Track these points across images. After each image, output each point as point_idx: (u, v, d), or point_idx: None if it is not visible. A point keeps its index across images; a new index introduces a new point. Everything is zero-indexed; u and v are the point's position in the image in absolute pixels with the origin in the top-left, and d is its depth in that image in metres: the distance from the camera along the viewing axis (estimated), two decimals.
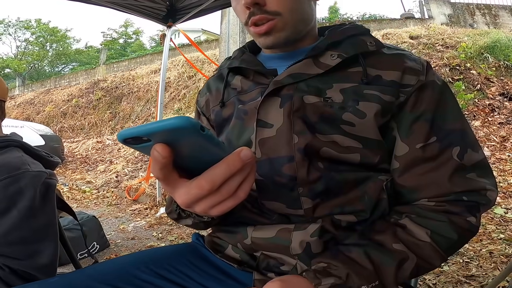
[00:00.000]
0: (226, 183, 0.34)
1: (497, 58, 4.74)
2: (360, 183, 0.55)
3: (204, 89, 0.74)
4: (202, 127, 0.30)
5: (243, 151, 0.34)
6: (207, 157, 0.34)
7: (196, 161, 0.35)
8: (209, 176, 0.33)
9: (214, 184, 0.33)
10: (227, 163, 0.33)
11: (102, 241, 2.30)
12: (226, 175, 0.33)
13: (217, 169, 0.33)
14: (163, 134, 0.31)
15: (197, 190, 0.34)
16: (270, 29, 0.57)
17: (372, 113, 0.54)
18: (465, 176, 0.52)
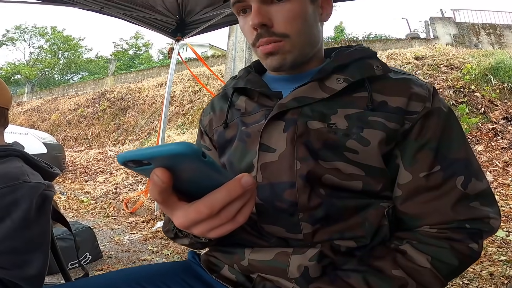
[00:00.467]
0: (226, 208, 0.34)
1: (501, 80, 4.74)
2: (361, 210, 0.54)
3: (208, 108, 0.73)
4: (204, 154, 0.31)
5: (244, 177, 0.34)
6: (207, 182, 0.34)
7: (195, 186, 0.35)
8: (209, 201, 0.33)
9: (213, 210, 0.33)
10: (228, 189, 0.33)
11: (95, 252, 2.28)
12: (226, 201, 0.33)
13: (217, 195, 0.33)
14: (164, 159, 0.31)
15: (196, 215, 0.34)
16: (276, 49, 0.57)
17: (376, 141, 0.53)
18: (468, 205, 0.52)
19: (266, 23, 0.56)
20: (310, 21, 0.59)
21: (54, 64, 22.49)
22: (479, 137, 3.95)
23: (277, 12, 0.57)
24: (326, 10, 0.63)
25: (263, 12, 0.56)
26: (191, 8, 2.39)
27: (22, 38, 22.62)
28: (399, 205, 0.55)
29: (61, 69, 23.40)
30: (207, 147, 0.71)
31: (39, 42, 23.23)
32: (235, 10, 0.61)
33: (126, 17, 2.32)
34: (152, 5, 2.27)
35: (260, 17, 0.56)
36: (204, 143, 0.72)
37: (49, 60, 22.40)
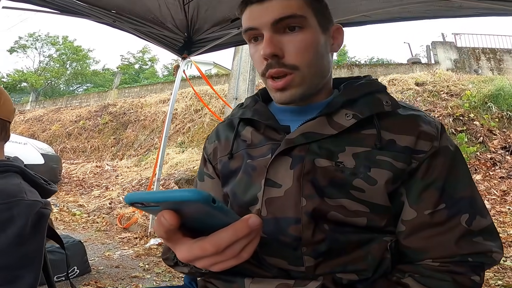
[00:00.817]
0: (231, 246, 0.35)
1: (500, 108, 4.80)
2: (364, 244, 0.54)
3: (213, 136, 0.73)
4: (214, 200, 0.32)
5: (252, 218, 0.35)
6: (214, 222, 0.35)
7: (202, 224, 0.36)
8: (214, 240, 0.34)
9: (219, 248, 0.34)
10: (235, 229, 0.34)
11: (83, 266, 2.27)
12: (232, 240, 0.34)
13: (223, 234, 0.34)
14: (173, 203, 0.32)
15: (200, 251, 0.35)
16: (287, 84, 0.57)
17: (383, 181, 0.54)
18: (471, 240, 0.52)
19: (277, 53, 0.56)
20: (321, 52, 0.59)
21: (61, 74, 22.65)
22: (477, 166, 3.98)
23: (289, 43, 0.56)
24: (337, 41, 0.63)
25: (275, 42, 0.56)
26: (199, 26, 2.43)
27: (34, 46, 22.91)
28: (402, 239, 0.55)
29: (67, 79, 23.57)
30: (210, 175, 0.70)
31: (50, 51, 23.55)
32: (246, 37, 0.61)
33: (136, 32, 2.37)
34: (162, 21, 2.32)
35: (272, 47, 0.56)
36: (207, 171, 0.71)
37: (56, 69, 22.57)
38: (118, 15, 2.17)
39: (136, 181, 5.39)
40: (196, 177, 0.74)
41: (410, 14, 1.84)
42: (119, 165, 6.70)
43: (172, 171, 5.47)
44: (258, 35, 0.59)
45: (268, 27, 0.56)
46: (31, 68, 23.00)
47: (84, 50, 23.55)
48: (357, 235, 0.54)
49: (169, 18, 2.28)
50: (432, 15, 1.79)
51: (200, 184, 0.72)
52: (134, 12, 2.18)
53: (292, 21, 0.56)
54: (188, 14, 2.25)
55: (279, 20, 0.56)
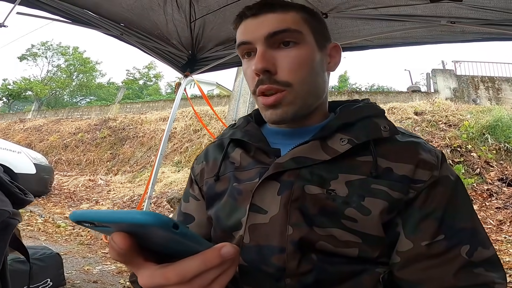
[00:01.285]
0: (199, 277, 0.32)
1: (497, 140, 4.82)
2: (355, 276, 0.51)
3: (202, 157, 0.70)
4: (176, 225, 0.29)
5: (225, 248, 0.32)
6: (182, 248, 0.32)
7: (169, 251, 0.33)
8: (179, 268, 0.32)
9: (184, 278, 0.31)
10: (204, 259, 0.32)
11: (58, 279, 2.19)
12: (199, 270, 0.32)
13: (190, 262, 0.32)
14: (126, 225, 0.29)
15: (162, 280, 0.32)
16: (278, 101, 0.54)
17: (378, 211, 0.50)
18: (472, 271, 0.48)
19: (269, 69, 0.54)
20: (316, 70, 0.57)
21: (67, 85, 22.86)
22: (474, 197, 4.01)
23: (282, 58, 0.54)
24: (334, 59, 0.61)
25: (268, 57, 0.54)
26: (203, 45, 2.46)
27: (44, 55, 23.28)
28: (396, 271, 0.52)
29: (72, 90, 23.83)
30: (195, 196, 0.68)
31: (59, 61, 23.88)
32: (239, 52, 0.59)
33: (142, 46, 2.40)
34: (168, 37, 2.35)
35: (264, 62, 0.53)
36: (193, 192, 0.68)
37: (63, 80, 22.78)
38: (126, 28, 2.22)
39: (127, 197, 5.27)
40: (182, 197, 0.72)
41: (412, 39, 1.86)
42: (113, 180, 6.61)
43: (166, 190, 5.36)
44: (251, 50, 0.57)
45: (261, 41, 0.54)
46: (38, 77, 23.34)
47: (92, 62, 23.94)
48: (348, 266, 0.50)
49: (175, 35, 2.32)
50: (434, 40, 1.82)
51: (185, 205, 0.69)
52: (142, 27, 2.22)
53: (287, 35, 0.54)
54: (194, 32, 2.28)
55: (273, 34, 0.54)
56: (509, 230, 3.44)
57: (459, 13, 1.51)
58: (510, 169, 4.43)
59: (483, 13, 1.44)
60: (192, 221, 0.65)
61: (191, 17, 2.12)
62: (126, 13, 2.05)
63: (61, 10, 1.95)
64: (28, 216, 4.37)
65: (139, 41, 2.33)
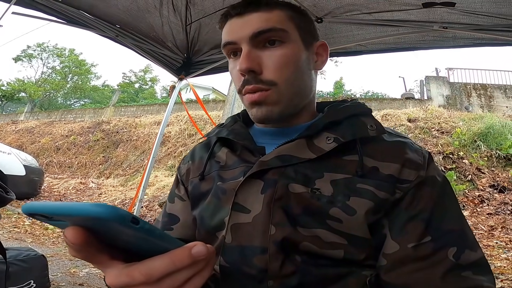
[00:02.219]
0: (169, 277, 0.31)
1: (489, 147, 4.88)
2: (340, 279, 0.49)
3: (188, 156, 0.69)
4: (135, 219, 0.27)
5: (196, 247, 0.31)
6: (146, 246, 0.31)
7: (134, 247, 0.31)
8: (145, 268, 0.30)
9: (150, 278, 0.30)
10: (172, 258, 0.31)
11: (42, 281, 2.14)
12: (167, 270, 0.30)
13: (157, 262, 0.30)
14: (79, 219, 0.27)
15: (128, 279, 0.30)
16: (263, 99, 0.54)
17: (363, 211, 0.49)
18: (460, 275, 0.47)
19: (254, 68, 0.53)
20: (302, 69, 0.56)
21: (61, 87, 22.51)
22: (465, 203, 4.04)
23: (268, 58, 0.54)
24: (321, 57, 0.61)
25: (253, 57, 0.54)
26: (199, 48, 2.46)
27: (40, 57, 22.90)
28: (382, 274, 0.50)
29: (66, 93, 23.50)
30: (181, 197, 0.66)
31: (54, 63, 23.51)
32: (225, 51, 0.59)
33: (137, 48, 2.39)
34: (163, 40, 2.35)
35: (249, 62, 0.53)
36: (179, 193, 0.67)
37: (57, 82, 22.43)
38: (122, 30, 2.21)
39: (119, 200, 5.20)
40: (167, 198, 0.71)
41: (405, 44, 1.88)
42: (105, 183, 6.52)
43: (158, 194, 5.31)
44: (237, 49, 0.57)
45: (246, 41, 0.54)
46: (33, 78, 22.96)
47: (87, 65, 23.65)
48: (333, 268, 0.49)
49: (170, 38, 2.31)
50: (426, 45, 1.84)
51: (170, 206, 0.67)
52: (137, 29, 2.22)
53: (272, 34, 0.54)
54: (189, 35, 2.28)
55: (258, 33, 0.54)
56: (500, 236, 3.48)
57: (452, 18, 1.53)
58: (501, 175, 4.50)
59: (474, 18, 1.46)
60: (177, 222, 0.64)
61: (187, 20, 2.12)
62: (122, 14, 2.05)
63: (57, 10, 1.94)
64: (16, 218, 4.29)
65: (134, 43, 2.32)
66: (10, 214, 4.40)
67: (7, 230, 3.74)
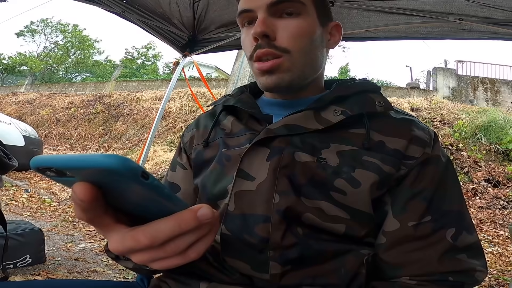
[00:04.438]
0: (173, 241, 0.30)
1: (489, 141, 4.88)
2: (339, 255, 0.50)
3: (193, 124, 0.69)
4: (145, 174, 0.26)
5: (202, 209, 0.30)
6: (152, 207, 0.30)
7: (139, 208, 0.31)
8: (151, 231, 0.29)
9: (155, 241, 0.29)
10: (178, 221, 0.29)
11: (38, 255, 2.14)
12: (173, 233, 0.30)
13: (162, 225, 0.29)
14: (89, 172, 0.26)
15: (133, 243, 0.30)
16: (275, 67, 0.53)
17: (368, 184, 0.49)
18: (454, 257, 0.48)
19: (269, 34, 0.53)
20: (315, 43, 0.57)
21: (63, 61, 22.29)
22: None
23: (283, 27, 0.54)
24: (334, 38, 0.62)
25: (268, 23, 0.53)
26: (205, 26, 2.42)
27: (43, 32, 22.55)
28: (381, 253, 0.51)
29: (68, 67, 23.26)
30: (183, 165, 0.66)
31: (57, 38, 23.16)
32: (239, 20, 0.59)
33: (142, 24, 2.35)
34: (169, 17, 2.31)
35: (264, 26, 0.53)
36: (181, 161, 0.66)
37: (59, 56, 22.19)
38: (128, 6, 2.16)
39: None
40: (169, 167, 0.70)
41: (417, 34, 1.83)
42: None
43: (157, 169, 5.34)
44: (253, 18, 0.56)
45: (263, 9, 0.54)
46: (35, 52, 22.67)
47: (90, 40, 23.29)
48: (333, 244, 0.50)
49: (177, 15, 2.27)
50: (439, 36, 1.80)
51: (171, 174, 0.67)
52: (144, 5, 2.18)
53: (290, 5, 0.54)
54: (196, 12, 2.24)
55: (276, 2, 0.53)
56: (488, 230, 3.53)
57: (469, 11, 1.48)
58: (497, 170, 4.53)
59: (493, 11, 1.41)
60: (178, 191, 0.63)
61: None
62: None
63: None
64: (13, 191, 4.30)
65: (141, 19, 2.27)
66: (8, 186, 4.39)
67: (4, 203, 3.72)
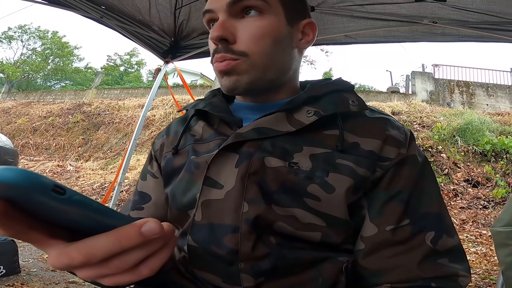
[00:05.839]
0: (117, 258, 0.28)
1: (466, 142, 5.06)
2: (315, 264, 0.48)
3: (163, 131, 0.66)
4: (60, 188, 0.23)
5: (147, 224, 0.28)
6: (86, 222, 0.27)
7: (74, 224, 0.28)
8: (86, 247, 0.27)
9: (91, 258, 0.27)
10: (118, 237, 0.28)
11: (12, 266, 2.16)
12: (112, 250, 0.28)
13: (99, 241, 0.27)
14: None
15: (67, 260, 0.27)
16: (230, 68, 0.51)
17: (343, 189, 0.47)
18: (436, 262, 0.47)
19: (227, 37, 0.51)
20: (281, 44, 0.54)
21: (41, 68, 21.67)
22: None
23: (243, 27, 0.52)
24: (307, 37, 0.58)
25: (227, 26, 0.51)
26: (187, 33, 2.41)
27: (20, 38, 21.93)
28: (360, 259, 0.49)
29: (46, 74, 22.65)
30: (153, 174, 0.63)
31: (35, 45, 22.51)
32: (205, 20, 0.56)
33: (122, 30, 2.31)
34: (149, 24, 2.28)
35: (222, 30, 0.50)
36: (151, 169, 0.64)
37: (37, 63, 21.57)
38: (106, 11, 2.13)
39: (98, 184, 5.09)
40: (139, 176, 0.67)
41: (394, 38, 1.90)
42: (83, 166, 6.35)
43: None
44: (215, 19, 0.54)
45: (223, 9, 0.52)
46: (11, 59, 21.99)
47: (70, 47, 22.81)
48: (309, 252, 0.48)
49: (157, 21, 2.24)
50: (415, 39, 1.88)
51: (142, 184, 0.64)
52: (123, 11, 2.14)
53: (250, 3, 0.51)
54: (178, 19, 2.21)
55: (235, 1, 0.51)
56: (471, 230, 3.62)
57: (442, 14, 1.54)
58: (476, 170, 4.69)
59: (465, 14, 1.47)
60: (149, 201, 0.60)
61: (177, 3, 2.04)
62: None
63: None
64: None
65: (120, 25, 2.24)
66: None
67: None
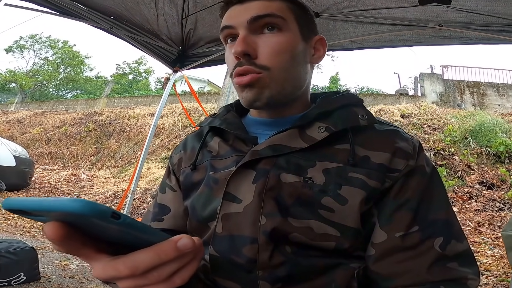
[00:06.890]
0: (155, 270, 0.32)
1: (479, 144, 4.95)
2: (328, 270, 0.50)
3: (180, 146, 0.69)
4: (116, 214, 0.27)
5: (182, 240, 0.32)
6: (131, 239, 0.31)
7: (119, 241, 0.32)
8: (131, 261, 0.31)
9: (135, 271, 0.31)
10: (157, 252, 0.31)
11: (32, 273, 2.17)
12: (153, 264, 0.31)
13: (142, 255, 0.31)
14: (58, 214, 0.27)
15: (114, 272, 0.31)
16: (254, 81, 0.53)
17: (356, 201, 0.49)
18: (445, 266, 0.48)
19: (249, 52, 0.53)
20: (298, 59, 0.57)
21: (53, 77, 22.15)
22: (454, 199, 4.12)
23: (264, 43, 0.54)
24: (318, 52, 0.61)
25: (249, 41, 0.54)
26: (194, 42, 2.45)
27: (32, 48, 22.45)
28: (371, 264, 0.51)
29: (58, 83, 23.10)
30: (172, 187, 0.66)
31: (47, 54, 23.05)
32: (222, 37, 0.59)
33: (131, 40, 2.37)
34: (157, 33, 2.33)
35: (245, 45, 0.53)
36: (170, 183, 0.67)
37: (49, 73, 22.05)
38: (116, 22, 2.19)
39: (111, 192, 5.17)
40: (158, 188, 0.70)
41: (401, 42, 1.89)
42: (97, 175, 6.46)
43: (151, 185, 5.29)
44: (234, 34, 0.57)
45: (244, 25, 0.54)
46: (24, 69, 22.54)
47: (81, 56, 23.27)
48: (322, 259, 0.50)
49: (165, 31, 2.29)
50: (421, 43, 1.87)
51: (161, 196, 0.67)
52: (132, 21, 2.20)
53: (270, 20, 0.54)
54: (185, 28, 2.26)
55: (256, 17, 0.54)
56: (487, 232, 3.54)
57: (447, 17, 1.54)
58: (490, 172, 4.58)
59: (470, 16, 1.47)
60: (168, 213, 0.64)
61: (184, 13, 2.09)
62: (116, 6, 2.03)
63: (49, 1, 1.91)
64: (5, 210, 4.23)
65: (129, 34, 2.30)
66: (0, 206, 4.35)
67: None
